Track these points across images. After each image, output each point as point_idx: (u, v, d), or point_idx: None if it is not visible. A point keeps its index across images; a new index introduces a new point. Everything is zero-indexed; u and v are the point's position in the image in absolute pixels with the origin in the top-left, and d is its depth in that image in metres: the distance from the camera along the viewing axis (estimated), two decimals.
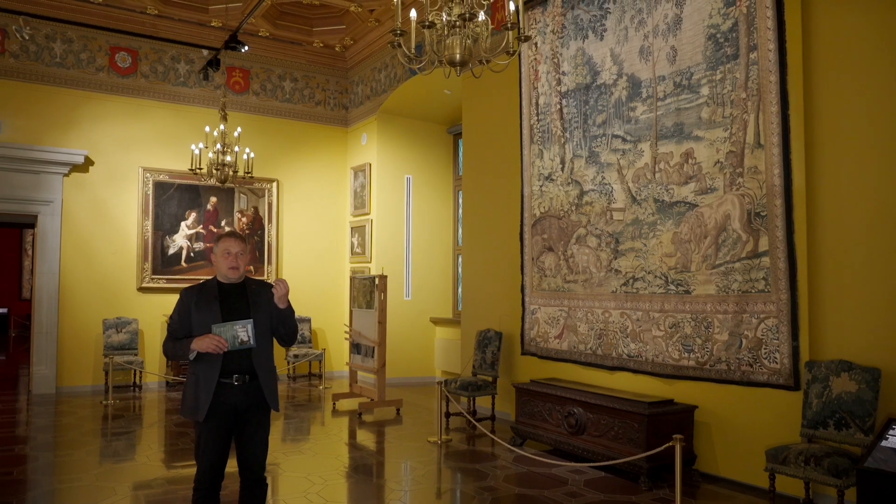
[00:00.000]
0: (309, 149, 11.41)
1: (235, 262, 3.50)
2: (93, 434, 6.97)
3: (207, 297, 3.47)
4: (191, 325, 3.44)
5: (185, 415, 3.46)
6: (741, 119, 5.15)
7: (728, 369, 5.20)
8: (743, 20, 5.14)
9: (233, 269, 3.49)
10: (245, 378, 3.41)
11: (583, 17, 6.62)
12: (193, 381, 3.42)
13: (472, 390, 7.20)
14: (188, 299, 3.48)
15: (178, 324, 3.48)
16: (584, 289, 6.54)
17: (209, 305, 3.43)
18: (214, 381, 3.36)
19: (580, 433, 5.74)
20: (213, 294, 3.48)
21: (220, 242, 3.56)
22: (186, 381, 3.50)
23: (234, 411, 3.43)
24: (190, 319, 3.44)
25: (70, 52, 9.56)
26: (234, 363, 3.40)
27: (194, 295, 3.49)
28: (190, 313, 3.44)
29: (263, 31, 10.52)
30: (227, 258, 3.50)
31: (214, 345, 3.29)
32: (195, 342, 3.32)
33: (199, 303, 3.45)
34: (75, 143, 9.49)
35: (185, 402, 3.47)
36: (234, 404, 3.41)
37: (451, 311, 10.92)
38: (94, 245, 9.63)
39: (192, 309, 3.44)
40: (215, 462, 3.43)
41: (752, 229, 5.07)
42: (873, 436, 4.17)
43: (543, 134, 7.12)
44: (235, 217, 10.58)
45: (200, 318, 3.41)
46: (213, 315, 3.40)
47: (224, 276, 3.54)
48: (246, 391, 3.43)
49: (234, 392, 3.40)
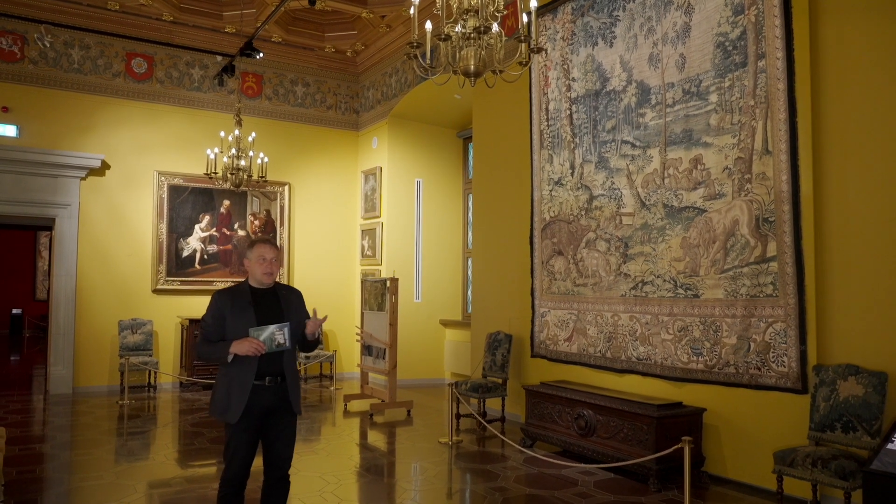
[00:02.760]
0: (320, 152, 11.54)
1: (270, 269, 3.60)
2: (110, 433, 7.10)
3: (242, 301, 3.55)
4: (224, 328, 3.52)
5: (214, 415, 3.53)
6: (749, 126, 5.22)
7: (736, 372, 5.27)
8: (751, 28, 5.22)
9: (268, 274, 3.60)
10: (276, 380, 3.53)
11: (592, 25, 6.71)
12: (226, 383, 3.49)
13: (483, 392, 7.29)
14: (222, 303, 3.56)
15: (213, 327, 3.54)
16: (593, 292, 6.63)
17: (244, 310, 3.52)
18: (250, 382, 3.45)
19: (590, 435, 5.82)
20: (248, 299, 3.57)
21: (255, 248, 3.62)
22: (217, 383, 3.57)
23: (264, 412, 3.52)
24: (224, 323, 3.52)
25: (87, 58, 9.72)
26: (267, 365, 3.50)
27: (228, 299, 3.57)
28: (224, 317, 3.52)
29: (276, 37, 10.65)
30: (263, 264, 3.59)
31: (254, 348, 3.38)
32: (234, 346, 3.40)
33: (234, 307, 3.53)
34: (92, 147, 9.65)
35: (215, 403, 3.53)
36: (265, 405, 3.51)
37: (461, 313, 11.01)
38: (110, 247, 9.78)
39: (226, 313, 3.52)
40: (246, 461, 3.51)
41: (760, 234, 5.14)
42: (880, 439, 4.24)
43: (553, 139, 7.21)
44: (248, 220, 10.71)
45: (236, 322, 3.49)
46: (248, 319, 3.49)
47: (258, 281, 3.63)
48: (276, 392, 3.53)
49: (265, 393, 3.50)
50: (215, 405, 3.53)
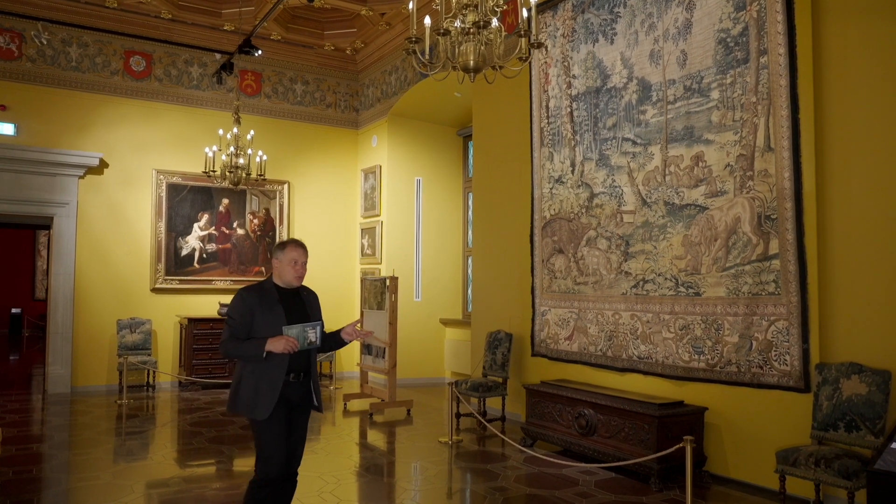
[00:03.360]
0: (320, 151, 11.49)
1: (302, 272, 3.69)
2: (108, 433, 7.06)
3: (270, 300, 3.61)
4: (251, 326, 3.56)
5: (239, 411, 3.56)
6: (751, 122, 5.18)
7: (738, 371, 5.23)
8: (753, 24, 5.18)
9: (299, 278, 3.70)
10: (300, 376, 3.61)
11: (593, 21, 6.67)
12: (254, 380, 3.52)
13: (483, 391, 7.25)
14: (251, 301, 3.59)
15: (241, 325, 3.56)
16: (594, 291, 6.58)
17: (273, 309, 3.58)
18: (282, 379, 3.51)
19: (591, 434, 5.78)
20: (275, 298, 3.63)
21: (287, 251, 3.67)
22: (242, 380, 3.57)
23: (289, 407, 3.60)
24: (252, 321, 3.56)
25: (86, 56, 9.68)
26: (295, 362, 3.58)
27: (256, 297, 3.61)
28: (253, 315, 3.57)
29: (275, 35, 10.61)
30: (295, 267, 3.66)
31: (290, 346, 3.45)
32: (270, 343, 3.44)
33: (262, 305, 3.58)
34: (90, 145, 9.61)
35: (239, 400, 3.54)
36: (290, 400, 3.59)
37: (461, 312, 10.97)
38: (108, 246, 9.74)
39: (255, 311, 3.57)
40: (283, 454, 3.54)
41: (762, 232, 5.09)
42: (884, 438, 4.20)
43: (554, 137, 7.16)
44: (247, 218, 10.67)
45: (266, 320, 3.55)
46: (278, 317, 3.55)
47: (286, 282, 3.70)
48: (299, 388, 3.62)
49: (292, 389, 3.58)
50: (239, 402, 3.54)
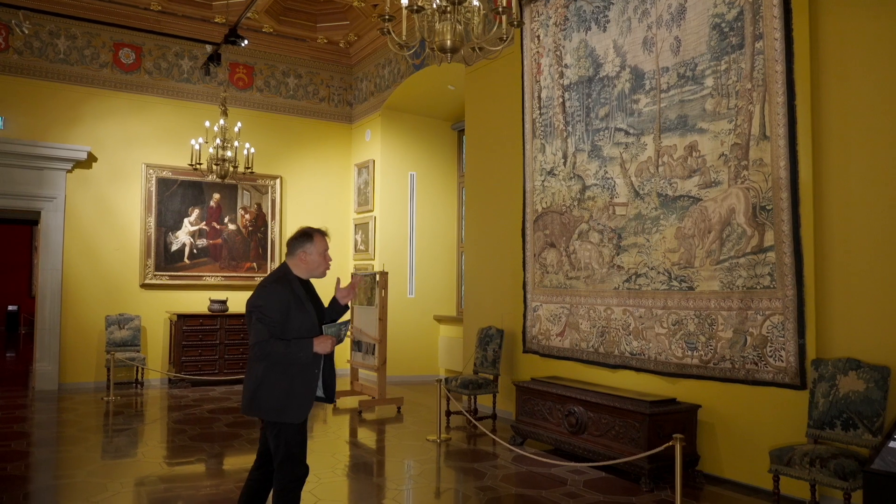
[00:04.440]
0: (313, 145, 11.33)
1: (329, 263, 3.53)
2: (92, 430, 6.92)
3: (299, 296, 3.36)
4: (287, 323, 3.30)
5: (260, 414, 3.30)
6: (746, 110, 5.01)
7: (732, 368, 5.06)
8: (748, 9, 5.00)
9: (327, 269, 3.53)
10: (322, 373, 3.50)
11: (585, 9, 6.49)
12: (286, 381, 3.26)
13: (473, 388, 7.09)
14: (286, 296, 3.30)
15: (280, 323, 3.26)
16: (586, 285, 6.42)
17: (304, 305, 3.35)
18: (317, 378, 3.36)
19: (581, 432, 5.62)
20: (303, 293, 3.39)
21: (317, 242, 3.42)
22: (264, 381, 3.26)
23: None
24: (289, 318, 3.28)
25: (74, 48, 9.54)
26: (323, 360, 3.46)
27: (289, 293, 3.32)
28: (288, 312, 3.29)
29: (267, 27, 10.45)
30: (327, 259, 3.49)
31: (333, 346, 3.34)
32: (317, 345, 3.25)
33: (293, 302, 3.32)
34: (79, 139, 9.46)
35: (260, 402, 3.26)
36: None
37: (456, 309, 10.81)
38: (97, 241, 9.60)
39: (290, 308, 3.29)
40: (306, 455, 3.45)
41: (757, 223, 4.92)
42: (882, 436, 4.03)
43: (546, 128, 7.00)
44: (238, 214, 10.52)
45: (302, 318, 3.32)
46: (310, 315, 3.36)
47: (310, 273, 3.47)
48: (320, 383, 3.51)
49: None
50: (262, 404, 3.26)
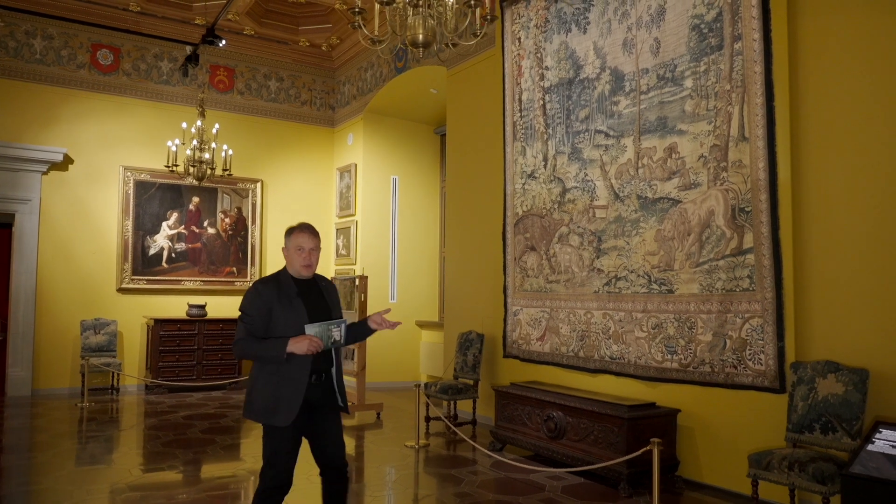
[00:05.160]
0: (294, 149, 11.22)
1: (309, 260, 3.33)
2: (64, 437, 6.75)
3: (288, 294, 3.27)
4: (269, 323, 3.23)
5: (255, 418, 3.24)
6: (725, 111, 4.97)
7: (712, 371, 5.00)
8: (727, 9, 4.97)
9: (306, 266, 3.34)
10: (322, 376, 3.33)
11: (566, 11, 6.46)
12: (273, 383, 3.20)
13: (453, 394, 6.99)
14: (268, 295, 3.25)
15: (259, 322, 3.23)
16: (566, 289, 6.35)
17: (292, 303, 3.25)
18: (305, 382, 3.20)
19: (559, 437, 5.53)
20: (294, 291, 3.30)
21: (293, 237, 3.34)
22: (259, 383, 3.25)
23: (309, 409, 3.30)
24: (270, 317, 3.23)
25: (51, 48, 9.39)
26: (318, 362, 3.29)
27: (273, 291, 3.26)
28: (271, 311, 3.23)
29: (248, 30, 10.36)
30: (301, 255, 3.32)
31: (314, 346, 3.15)
32: (292, 345, 3.13)
33: (281, 301, 3.24)
34: (54, 140, 9.31)
35: (255, 405, 3.23)
36: (311, 402, 3.29)
37: (438, 314, 10.71)
38: (72, 245, 9.43)
39: (273, 306, 3.23)
40: (292, 463, 3.29)
41: (736, 225, 4.88)
42: (860, 440, 3.98)
43: (526, 130, 6.94)
44: (218, 217, 10.38)
45: (286, 317, 3.23)
46: (299, 314, 3.24)
47: (296, 272, 3.36)
48: (321, 388, 3.33)
49: (314, 390, 3.29)
50: (255, 407, 3.23)
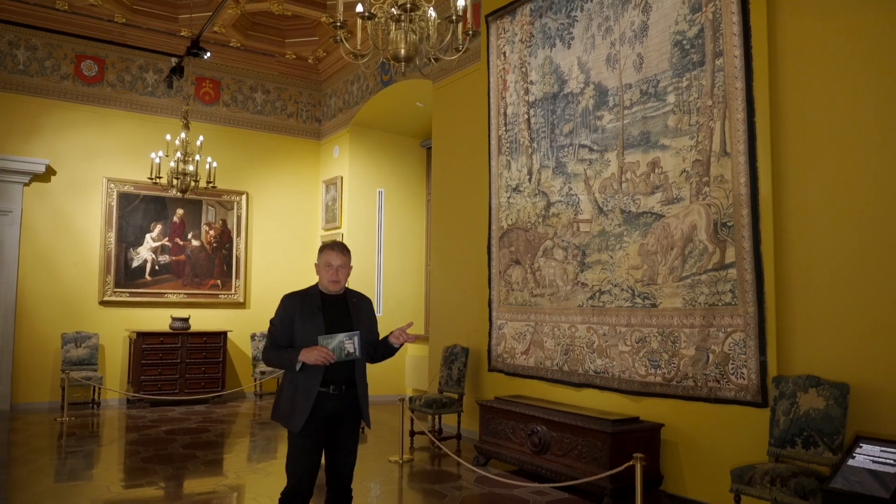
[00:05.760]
0: (280, 161, 11.19)
1: (336, 276, 3.49)
2: (42, 452, 6.64)
3: (311, 307, 3.46)
4: (293, 333, 3.43)
5: (278, 421, 3.45)
6: (707, 127, 5.01)
7: (695, 385, 5.01)
8: (709, 26, 5.03)
9: (334, 282, 3.50)
10: (342, 388, 3.43)
11: (550, 26, 6.50)
12: (291, 390, 3.40)
13: (437, 408, 6.95)
14: (291, 307, 3.47)
15: (281, 331, 3.46)
16: (550, 303, 6.35)
17: (313, 316, 3.42)
18: (315, 391, 3.34)
19: (543, 452, 5.51)
20: (317, 304, 3.47)
21: (323, 254, 3.53)
22: (282, 389, 3.49)
23: (328, 420, 3.43)
24: (292, 328, 3.43)
25: (34, 59, 9.34)
26: (334, 373, 3.40)
27: (298, 303, 3.48)
28: (293, 322, 3.44)
29: (234, 42, 10.35)
30: (328, 271, 3.49)
31: (323, 357, 3.27)
32: (303, 354, 3.29)
33: (303, 312, 3.44)
34: (37, 151, 9.23)
35: (279, 410, 3.45)
36: (330, 413, 3.41)
37: (424, 327, 10.68)
38: (54, 257, 9.33)
39: (295, 318, 3.43)
40: (310, 472, 3.41)
41: (718, 240, 4.90)
42: (842, 454, 3.99)
43: (511, 144, 6.96)
44: (203, 230, 10.32)
45: (305, 328, 3.40)
46: (317, 326, 3.40)
47: (324, 286, 3.54)
48: (342, 400, 3.43)
49: (330, 401, 3.40)
50: (280, 412, 3.45)
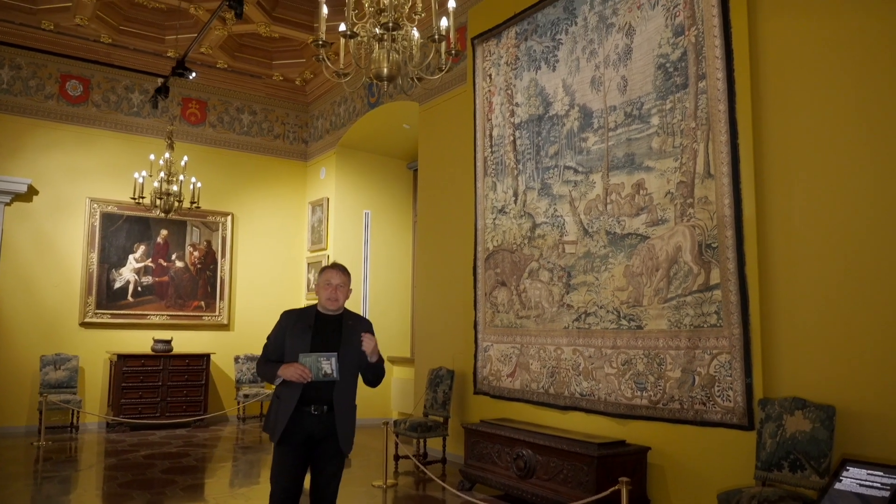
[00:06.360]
0: (266, 183, 11.15)
1: (335, 294, 3.55)
2: (16, 477, 6.47)
3: (303, 324, 3.53)
4: (284, 348, 3.53)
5: (265, 430, 3.59)
6: (691, 148, 5.03)
7: (681, 408, 4.96)
8: (692, 49, 5.07)
9: (331, 300, 3.55)
10: (323, 409, 3.45)
11: (536, 49, 6.54)
12: (277, 403, 3.50)
13: (422, 431, 6.86)
14: (286, 323, 3.58)
15: (273, 345, 3.59)
16: (536, 324, 6.31)
17: (302, 333, 3.50)
18: (292, 407, 3.40)
19: (529, 476, 5.43)
20: (309, 322, 3.54)
21: (323, 274, 3.62)
22: (272, 401, 3.60)
23: (309, 439, 3.47)
24: (284, 343, 3.53)
25: (18, 78, 9.28)
26: (314, 393, 3.43)
27: (292, 320, 3.58)
28: (285, 337, 3.54)
29: (222, 63, 10.35)
30: (327, 289, 3.55)
31: (298, 374, 3.34)
32: (282, 369, 3.40)
33: (295, 329, 3.53)
34: (19, 171, 9.14)
35: (267, 420, 3.57)
36: (310, 432, 3.45)
37: (410, 350, 10.59)
38: (34, 277, 9.19)
39: (287, 334, 3.53)
40: (287, 487, 3.44)
41: (703, 261, 4.90)
42: (829, 477, 3.95)
43: (497, 166, 6.97)
44: (187, 251, 10.23)
45: (292, 344, 3.49)
46: (303, 344, 3.47)
47: (322, 305, 3.60)
48: (322, 421, 3.46)
49: (310, 421, 3.44)
50: (267, 423, 3.56)
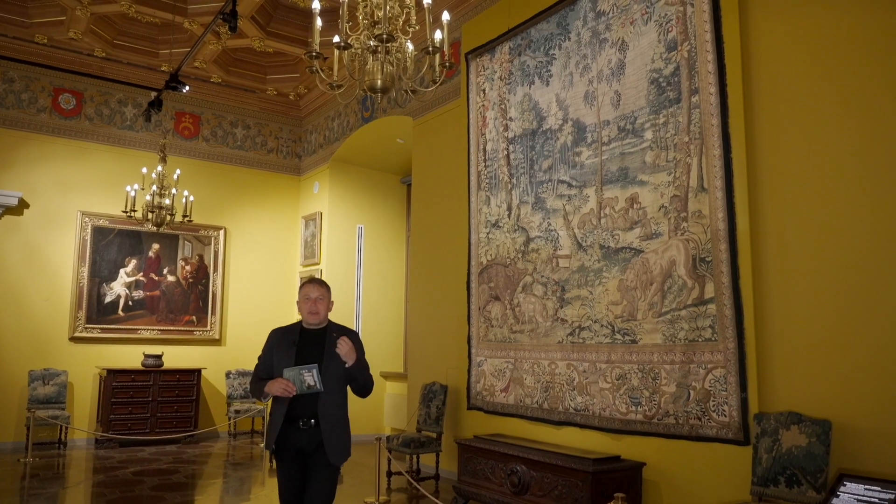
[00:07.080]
0: (260, 197, 11.12)
1: (315, 308, 3.60)
2: (2, 495, 6.35)
3: (288, 340, 3.61)
4: (272, 365, 3.59)
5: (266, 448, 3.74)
6: (684, 163, 5.03)
7: (676, 423, 4.93)
8: (684, 64, 5.09)
9: (312, 314, 3.60)
10: (310, 422, 3.49)
11: (529, 64, 6.56)
12: (272, 419, 3.59)
13: (415, 447, 6.79)
14: (272, 340, 3.67)
15: (262, 363, 3.66)
16: (530, 339, 6.28)
17: (287, 349, 3.56)
18: (280, 421, 3.49)
19: (523, 493, 5.37)
20: (294, 338, 3.60)
21: (302, 289, 3.67)
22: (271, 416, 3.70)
23: (300, 454, 3.53)
24: (272, 360, 3.60)
25: (10, 91, 9.25)
26: (301, 407, 3.48)
27: (278, 337, 3.66)
28: (272, 354, 3.61)
29: (215, 77, 10.35)
30: (307, 303, 3.60)
31: (282, 388, 3.39)
32: (268, 385, 3.47)
33: (280, 345, 3.60)
34: (9, 184, 9.08)
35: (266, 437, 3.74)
36: (299, 447, 3.51)
37: (403, 365, 10.52)
38: (24, 291, 9.10)
39: (274, 351, 3.61)
40: (289, 500, 3.54)
41: (697, 275, 4.89)
42: (826, 493, 3.92)
43: (491, 180, 6.96)
44: (179, 265, 10.17)
45: (278, 360, 3.55)
46: (288, 359, 3.52)
47: (304, 319, 3.66)
48: (310, 435, 3.50)
49: (299, 435, 3.50)
50: (266, 440, 3.67)
